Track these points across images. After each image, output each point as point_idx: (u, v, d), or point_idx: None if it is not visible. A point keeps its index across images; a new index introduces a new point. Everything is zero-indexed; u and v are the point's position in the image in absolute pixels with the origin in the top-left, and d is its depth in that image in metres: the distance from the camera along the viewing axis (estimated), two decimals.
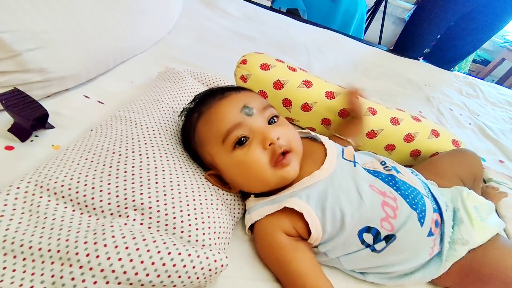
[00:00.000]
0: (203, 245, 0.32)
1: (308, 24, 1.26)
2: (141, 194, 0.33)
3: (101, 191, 0.33)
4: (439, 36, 1.29)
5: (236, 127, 0.37)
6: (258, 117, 0.39)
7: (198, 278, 0.29)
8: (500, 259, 0.37)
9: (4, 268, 0.27)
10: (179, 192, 0.35)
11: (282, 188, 0.39)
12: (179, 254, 0.29)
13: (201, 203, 0.35)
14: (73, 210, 0.32)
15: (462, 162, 0.53)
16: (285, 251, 0.35)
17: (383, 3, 1.96)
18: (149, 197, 0.33)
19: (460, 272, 0.38)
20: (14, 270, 0.27)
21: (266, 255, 0.37)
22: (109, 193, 0.33)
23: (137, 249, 0.28)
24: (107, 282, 0.27)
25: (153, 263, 0.28)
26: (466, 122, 0.91)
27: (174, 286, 0.28)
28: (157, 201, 0.33)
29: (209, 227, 0.34)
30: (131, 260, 0.27)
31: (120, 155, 0.37)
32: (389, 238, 0.36)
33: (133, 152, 0.38)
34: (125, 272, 0.27)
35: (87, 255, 0.27)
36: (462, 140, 0.60)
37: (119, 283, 0.27)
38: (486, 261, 0.37)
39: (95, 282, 0.26)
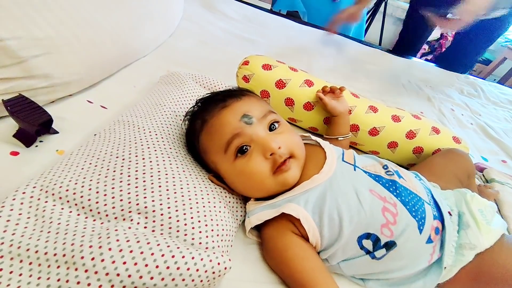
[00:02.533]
0: (206, 248, 0.32)
1: (308, 26, 1.26)
2: (145, 197, 0.34)
3: (105, 195, 0.34)
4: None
5: (236, 137, 0.37)
6: (258, 125, 0.39)
7: (201, 281, 0.29)
8: (510, 259, 0.37)
9: (11, 272, 0.27)
10: (182, 195, 0.35)
11: (282, 191, 0.39)
12: (183, 257, 0.29)
13: (204, 206, 0.36)
14: (78, 214, 0.33)
15: (455, 161, 0.53)
16: (302, 248, 0.35)
17: (383, 4, 1.97)
18: (153, 201, 0.34)
19: (469, 276, 0.38)
20: (20, 275, 0.27)
21: (279, 254, 0.36)
22: (113, 197, 0.34)
23: (141, 253, 0.28)
24: (112, 286, 0.27)
25: (157, 266, 0.28)
26: (467, 122, 0.91)
27: None
28: (161, 204, 0.34)
29: (212, 230, 0.34)
30: (135, 264, 0.28)
31: (123, 159, 0.38)
32: (389, 245, 0.35)
33: (136, 156, 0.38)
34: (129, 276, 0.27)
35: (92, 259, 0.27)
36: (463, 138, 0.60)
37: (124, 287, 0.27)
38: (496, 263, 0.37)
39: (100, 286, 0.27)
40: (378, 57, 1.18)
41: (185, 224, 0.33)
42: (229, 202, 0.41)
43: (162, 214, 0.33)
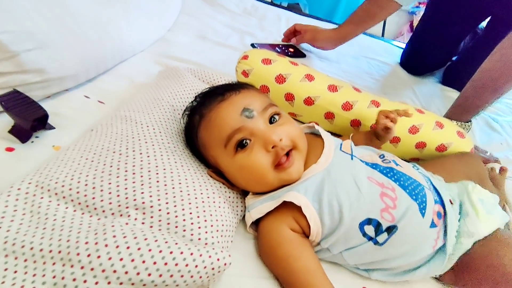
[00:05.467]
0: (206, 244, 0.32)
1: (310, 18, 1.24)
2: (142, 193, 0.33)
3: (101, 190, 0.33)
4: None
5: (237, 131, 0.37)
6: (259, 118, 0.38)
7: (201, 277, 0.29)
8: (501, 254, 0.37)
9: (6, 269, 0.27)
10: (181, 191, 0.35)
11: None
12: (181, 253, 0.28)
13: (203, 201, 0.35)
14: (74, 210, 0.32)
15: (469, 163, 0.53)
16: (294, 247, 0.35)
17: None
18: (150, 196, 0.33)
19: (466, 265, 0.37)
20: (15, 272, 0.27)
21: (271, 251, 0.36)
22: (109, 193, 0.33)
23: (139, 249, 0.28)
24: (109, 283, 0.26)
25: (155, 263, 0.27)
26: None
27: (177, 285, 0.28)
28: (158, 199, 0.33)
29: (212, 225, 0.33)
30: (132, 260, 0.27)
31: (120, 154, 0.37)
32: (390, 229, 0.35)
33: (133, 151, 0.38)
34: (126, 272, 0.26)
35: (88, 255, 0.27)
36: (466, 132, 0.59)
37: (120, 283, 0.26)
38: (492, 253, 0.37)
39: (96, 283, 0.26)
40: (381, 49, 1.16)
41: (184, 220, 0.32)
42: (229, 197, 0.40)
43: (160, 210, 0.32)
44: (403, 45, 1.24)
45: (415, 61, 1.04)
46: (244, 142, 0.37)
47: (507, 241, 0.38)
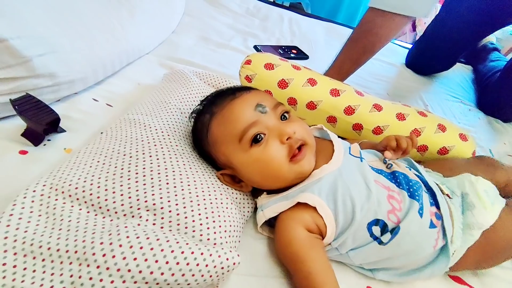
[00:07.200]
0: (214, 244, 0.33)
1: (312, 18, 1.25)
2: (153, 195, 0.34)
3: (113, 192, 0.34)
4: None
5: (252, 125, 0.38)
6: (272, 114, 0.39)
7: (211, 276, 0.30)
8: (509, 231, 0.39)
9: (25, 269, 0.28)
10: (190, 192, 0.36)
11: (295, 183, 0.39)
12: (192, 253, 0.29)
13: (211, 202, 0.36)
14: (88, 212, 0.33)
15: (478, 166, 0.49)
16: (301, 248, 0.36)
17: None
18: (161, 198, 0.34)
19: (476, 254, 0.39)
20: (34, 271, 0.28)
21: (282, 249, 0.37)
22: (121, 195, 0.34)
23: (151, 249, 0.29)
24: (124, 281, 0.27)
25: (167, 262, 0.28)
26: (475, 116, 0.89)
27: (188, 284, 0.29)
28: (168, 201, 0.34)
29: (220, 226, 0.34)
30: (145, 260, 0.28)
31: (130, 157, 0.38)
32: (393, 230, 0.36)
33: (143, 153, 0.38)
34: (140, 272, 0.27)
35: (104, 255, 0.28)
36: (469, 134, 0.59)
37: (135, 282, 0.27)
38: (499, 236, 0.39)
39: (112, 282, 0.27)
40: (384, 49, 1.16)
41: (193, 221, 0.33)
42: (236, 198, 0.41)
43: (170, 211, 0.33)
44: (406, 45, 1.24)
45: (422, 62, 1.04)
46: (258, 137, 0.38)
47: None
